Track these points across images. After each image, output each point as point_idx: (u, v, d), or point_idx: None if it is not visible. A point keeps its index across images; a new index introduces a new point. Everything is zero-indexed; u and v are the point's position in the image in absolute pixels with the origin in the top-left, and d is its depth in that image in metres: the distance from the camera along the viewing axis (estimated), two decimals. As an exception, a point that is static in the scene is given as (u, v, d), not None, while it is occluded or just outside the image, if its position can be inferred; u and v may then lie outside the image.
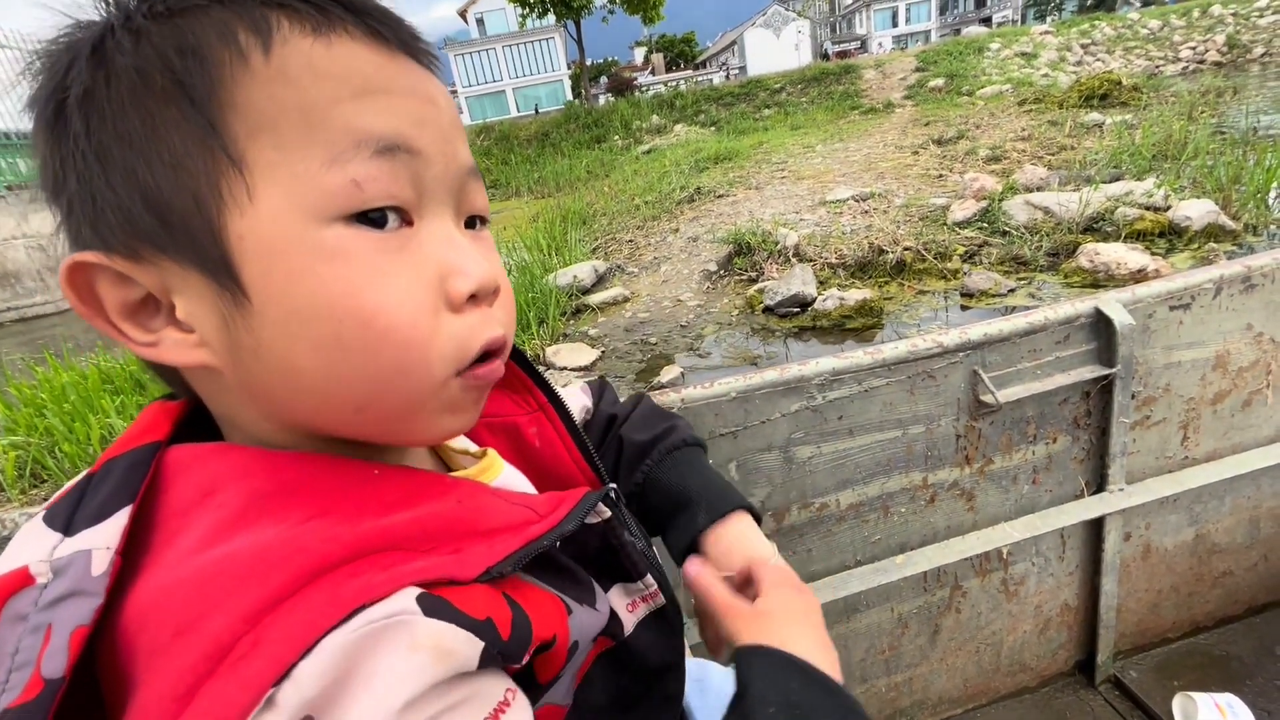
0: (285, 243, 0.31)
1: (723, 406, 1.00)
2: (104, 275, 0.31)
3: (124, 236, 0.31)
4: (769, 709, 0.38)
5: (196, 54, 0.30)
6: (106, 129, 0.30)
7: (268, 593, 0.28)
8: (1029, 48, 20.44)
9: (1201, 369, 1.22)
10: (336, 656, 0.26)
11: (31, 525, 0.32)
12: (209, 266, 0.31)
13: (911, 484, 1.14)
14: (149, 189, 0.30)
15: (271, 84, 0.30)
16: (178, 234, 0.30)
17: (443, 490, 0.36)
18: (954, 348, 1.08)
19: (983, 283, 3.92)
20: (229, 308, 0.31)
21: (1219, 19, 21.99)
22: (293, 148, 0.30)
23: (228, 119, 0.30)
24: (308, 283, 0.31)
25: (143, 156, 0.30)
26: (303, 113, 0.30)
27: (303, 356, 0.32)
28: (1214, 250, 3.91)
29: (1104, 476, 1.22)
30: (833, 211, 5.98)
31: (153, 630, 0.28)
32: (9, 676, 0.27)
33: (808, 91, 20.27)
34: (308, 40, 0.31)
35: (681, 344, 4.04)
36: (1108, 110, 9.81)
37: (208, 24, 0.30)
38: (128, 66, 0.29)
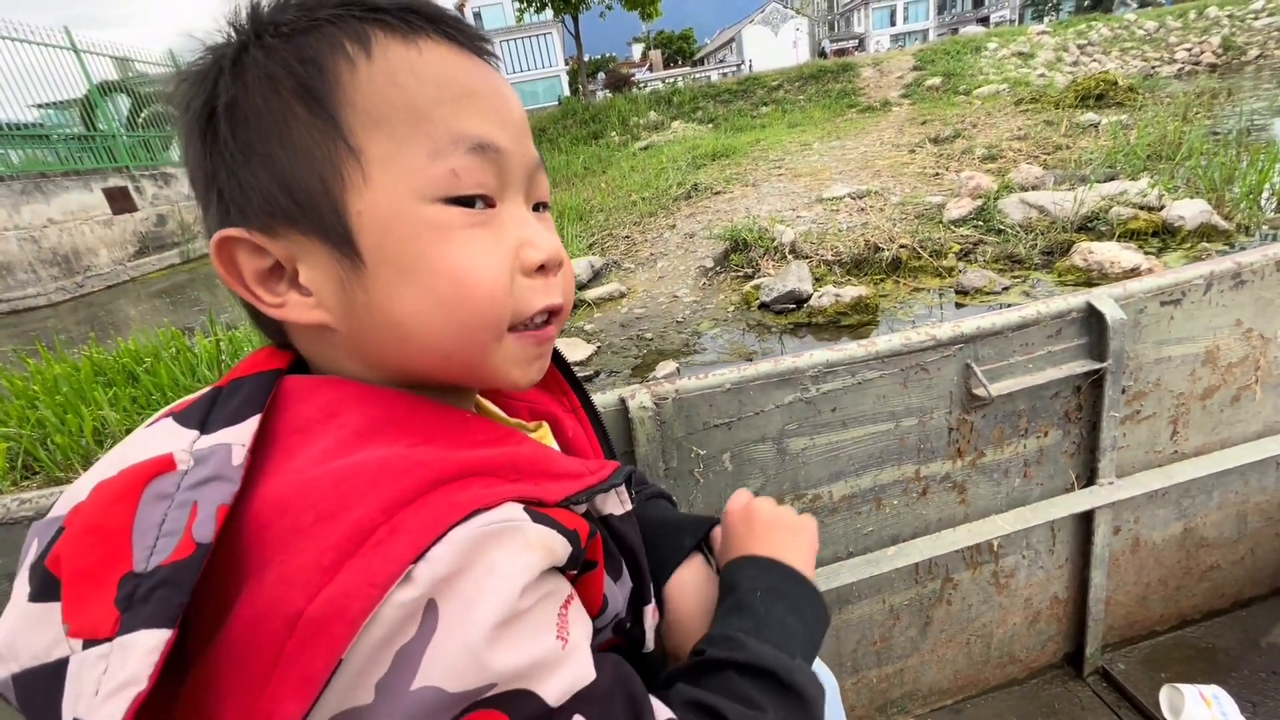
0: (395, 217, 0.37)
1: (717, 398, 1.01)
2: (243, 247, 0.38)
3: (263, 215, 0.37)
4: (756, 592, 0.51)
5: (315, 62, 0.36)
6: (249, 128, 0.37)
7: (398, 493, 0.33)
8: (1026, 48, 20.48)
9: (1191, 364, 1.23)
10: (464, 545, 0.32)
11: (159, 426, 0.37)
12: (332, 237, 0.37)
13: (904, 476, 1.15)
14: (284, 175, 0.37)
15: (380, 85, 0.37)
16: (307, 211, 0.37)
17: (519, 439, 0.43)
18: (947, 341, 1.09)
19: (978, 280, 3.93)
20: (346, 272, 0.38)
21: (1215, 21, 22.08)
22: (402, 141, 0.37)
23: (346, 115, 0.37)
24: (413, 249, 0.38)
25: (279, 149, 0.37)
26: (410, 111, 0.37)
27: (406, 310, 0.39)
28: (1206, 250, 3.94)
29: (1094, 470, 1.23)
30: (829, 209, 5.99)
31: (292, 517, 0.32)
32: (156, 541, 0.30)
33: (805, 89, 20.26)
34: (400, 46, 0.38)
35: (677, 340, 4.04)
36: (1103, 110, 9.85)
37: (320, 38, 0.37)
38: (262, 76, 0.36)
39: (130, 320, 7.47)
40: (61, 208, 10.04)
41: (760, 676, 0.44)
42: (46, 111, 11.42)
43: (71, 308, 9.25)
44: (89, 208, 10.60)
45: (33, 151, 10.51)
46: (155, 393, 3.42)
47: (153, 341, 4.13)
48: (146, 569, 0.29)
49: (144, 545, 0.30)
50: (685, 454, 1.01)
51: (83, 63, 12.07)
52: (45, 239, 9.62)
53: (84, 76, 12.06)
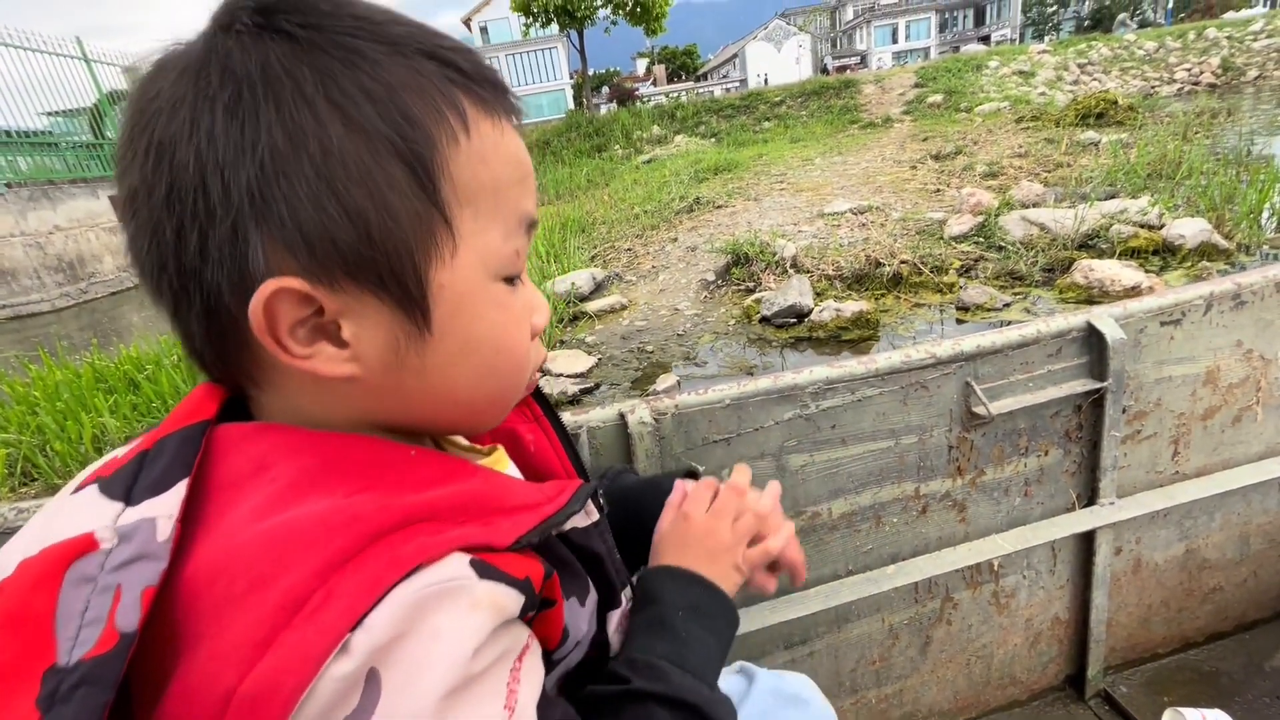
0: (470, 294, 0.39)
1: (716, 413, 1.00)
2: (289, 297, 0.34)
3: (327, 265, 0.34)
4: (678, 611, 0.51)
5: (420, 127, 0.35)
6: (336, 171, 0.33)
7: (334, 553, 0.31)
8: (1027, 66, 20.67)
9: (1192, 384, 1.23)
10: (405, 609, 0.30)
11: (84, 496, 0.34)
12: (405, 303, 0.37)
13: (904, 494, 1.14)
14: (371, 231, 0.34)
15: (473, 163, 0.37)
16: (384, 272, 0.35)
17: (469, 473, 0.41)
18: (947, 359, 1.09)
19: (978, 297, 3.94)
20: (407, 336, 0.38)
21: (1214, 42, 22.29)
22: (485, 220, 0.38)
23: (444, 187, 0.36)
24: (479, 325, 0.40)
25: (369, 203, 0.34)
26: (493, 192, 0.38)
27: (460, 379, 0.40)
28: (1207, 269, 3.95)
29: (1095, 490, 1.22)
30: (830, 224, 6.01)
31: (223, 587, 0.31)
32: (79, 632, 0.29)
33: (807, 105, 20.44)
34: (488, 124, 0.38)
35: (678, 353, 4.04)
36: (1103, 129, 9.92)
37: (420, 99, 0.35)
38: (355, 125, 0.34)
39: (133, 327, 7.50)
40: (68, 214, 10.12)
41: (683, 709, 0.45)
42: (56, 119, 11.55)
43: (75, 313, 9.28)
44: (95, 215, 10.68)
45: (41, 159, 10.61)
46: (156, 400, 3.42)
47: (154, 349, 4.14)
48: (69, 663, 0.28)
49: (67, 636, 0.29)
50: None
51: (93, 72, 12.26)
52: (51, 245, 9.69)
53: (94, 85, 12.23)
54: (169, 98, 0.34)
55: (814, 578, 1.14)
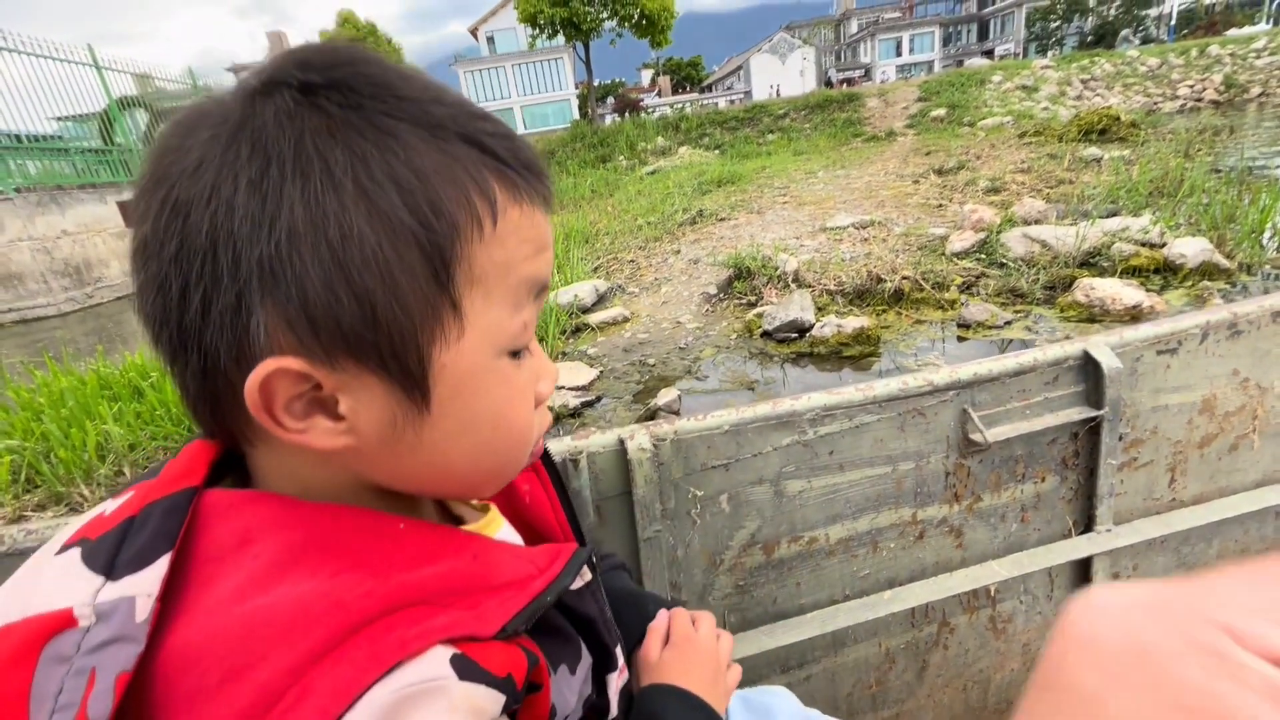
0: (473, 373, 0.38)
1: (715, 439, 1.02)
2: (286, 375, 0.34)
3: (329, 345, 0.34)
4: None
5: (445, 216, 0.35)
6: (352, 254, 0.33)
7: (311, 645, 0.30)
8: (1030, 81, 20.78)
9: (1188, 413, 1.24)
10: (380, 713, 0.29)
11: (66, 562, 0.34)
12: (405, 382, 0.36)
13: (900, 520, 1.15)
14: (378, 315, 0.34)
15: (492, 248, 0.37)
16: (386, 353, 0.35)
17: (459, 546, 0.40)
18: (944, 386, 1.10)
19: (980, 314, 3.95)
20: (404, 413, 0.37)
21: (1216, 59, 22.39)
22: (494, 298, 0.38)
23: (456, 273, 0.36)
24: (480, 402, 0.39)
25: (379, 286, 0.34)
26: (504, 269, 0.38)
27: (458, 455, 0.39)
28: (1208, 288, 3.95)
29: (1091, 517, 1.23)
30: (833, 238, 6.04)
31: (197, 676, 0.30)
32: (51, 716, 0.28)
33: (811, 118, 20.54)
34: (516, 210, 0.37)
35: (680, 366, 4.05)
36: (1106, 145, 9.95)
37: (452, 187, 0.35)
38: (376, 209, 0.33)
39: (137, 333, 7.50)
40: (75, 219, 10.20)
41: None
42: (65, 124, 11.68)
43: (80, 318, 9.33)
44: (102, 220, 10.76)
45: (50, 163, 10.71)
46: (160, 408, 3.44)
47: (159, 356, 4.15)
48: None
49: (39, 719, 0.28)
50: (683, 495, 1.02)
51: (103, 79, 12.42)
52: (58, 250, 9.75)
53: (104, 91, 12.39)
54: (196, 158, 0.33)
55: (810, 602, 1.15)
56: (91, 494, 2.88)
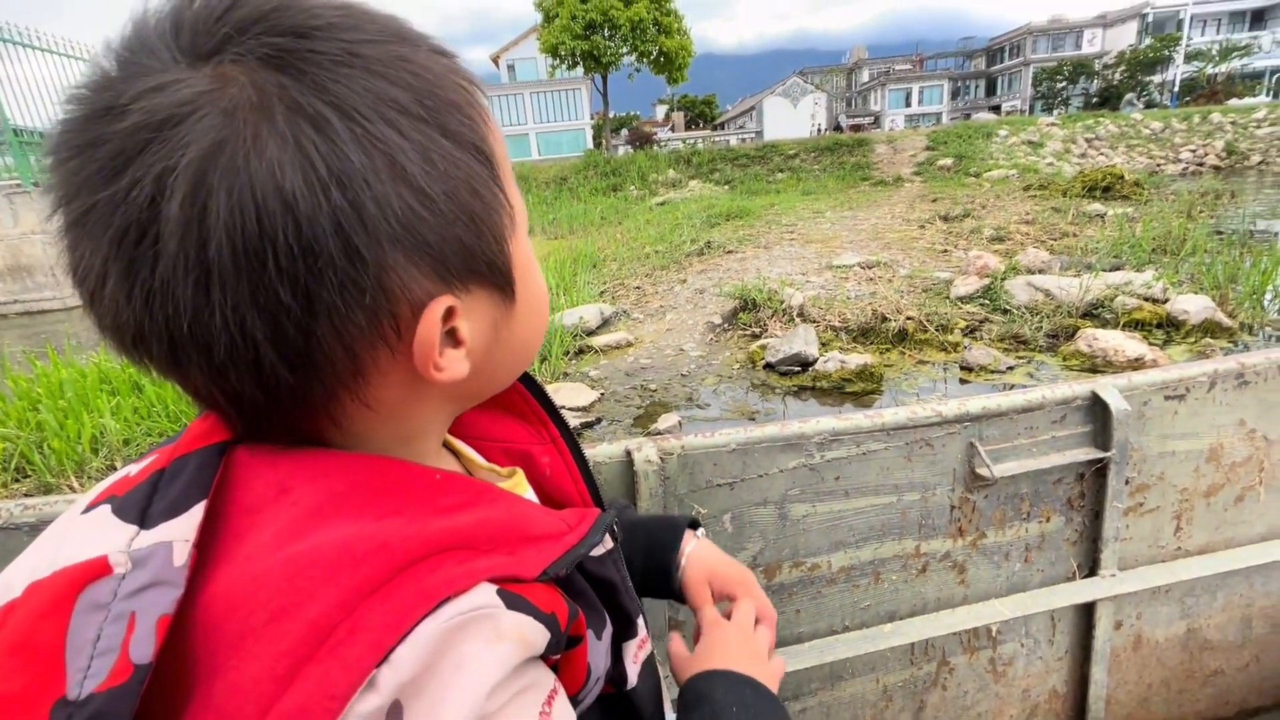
0: (525, 255, 0.41)
1: (722, 457, 1.01)
2: (439, 318, 0.35)
3: (459, 270, 0.36)
4: (732, 708, 0.51)
5: (471, 118, 0.36)
6: (450, 181, 0.34)
7: (360, 582, 0.30)
8: (1035, 137, 21.22)
9: (1195, 460, 1.23)
10: (431, 644, 0.29)
11: (96, 516, 0.33)
12: (500, 281, 0.39)
13: (904, 551, 1.14)
14: (479, 224, 0.36)
15: (496, 136, 0.38)
16: (489, 260, 0.37)
17: (494, 497, 0.40)
18: (952, 418, 1.10)
19: (982, 358, 3.96)
20: (501, 313, 0.40)
21: (1218, 126, 22.91)
22: (509, 182, 0.39)
23: (495, 165, 0.37)
24: (534, 279, 0.43)
25: (476, 202, 0.35)
26: (505, 159, 0.39)
27: (531, 331, 0.44)
28: (1210, 346, 3.97)
29: (1096, 560, 1.21)
30: (838, 276, 6.09)
31: (241, 618, 0.29)
32: (91, 663, 0.27)
33: (821, 160, 20.92)
34: (482, 99, 0.39)
35: (681, 393, 4.05)
36: (1109, 202, 10.12)
37: (456, 91, 0.35)
38: (450, 131, 0.34)
39: (141, 330, 7.53)
40: (90, 216, 10.31)
41: None
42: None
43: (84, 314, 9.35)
44: (116, 218, 10.87)
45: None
46: (158, 404, 3.42)
47: (162, 354, 4.15)
48: (80, 696, 0.27)
49: (78, 666, 0.27)
50: (686, 511, 1.01)
51: None
52: (69, 245, 9.84)
53: None
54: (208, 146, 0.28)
55: (809, 631, 1.13)
56: (81, 486, 2.85)
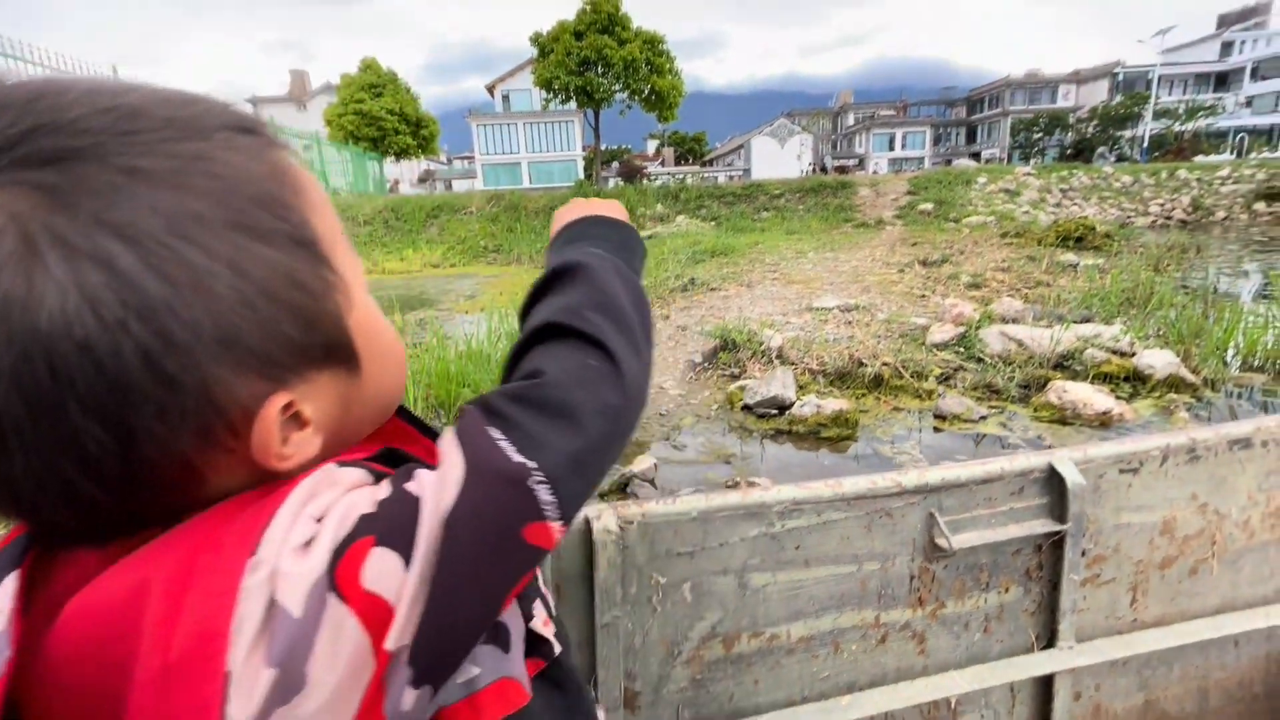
0: (367, 315, 0.42)
1: (683, 525, 1.01)
2: (274, 416, 0.35)
3: (295, 368, 0.36)
4: (577, 245, 0.59)
5: (282, 203, 0.36)
6: (268, 281, 0.33)
7: (208, 529, 0.32)
8: (1013, 185, 21.93)
9: (1150, 533, 1.26)
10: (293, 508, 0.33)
11: None
12: (342, 357, 0.39)
13: (864, 621, 1.14)
14: (308, 314, 0.36)
15: (315, 207, 0.38)
16: (325, 344, 0.38)
17: None
18: (912, 489, 1.11)
19: (956, 407, 4.02)
20: (347, 383, 0.40)
21: (1185, 182, 23.87)
22: (341, 253, 0.40)
23: (322, 246, 0.38)
24: (379, 336, 0.43)
25: (297, 291, 0.35)
26: (333, 230, 0.40)
27: (389, 384, 0.45)
28: (1174, 401, 4.07)
29: (1054, 632, 1.22)
30: (818, 318, 6.18)
31: (87, 646, 0.30)
32: None
33: (805, 200, 21.39)
34: (293, 165, 0.39)
35: (658, 432, 4.05)
36: (1082, 253, 10.45)
37: (268, 178, 0.35)
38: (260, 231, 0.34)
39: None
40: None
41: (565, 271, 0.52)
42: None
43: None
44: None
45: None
46: None
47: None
48: None
49: None
50: (645, 581, 1.00)
51: None
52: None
53: None
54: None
55: (767, 702, 1.11)
56: None
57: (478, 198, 20.84)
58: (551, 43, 25.87)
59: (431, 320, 7.68)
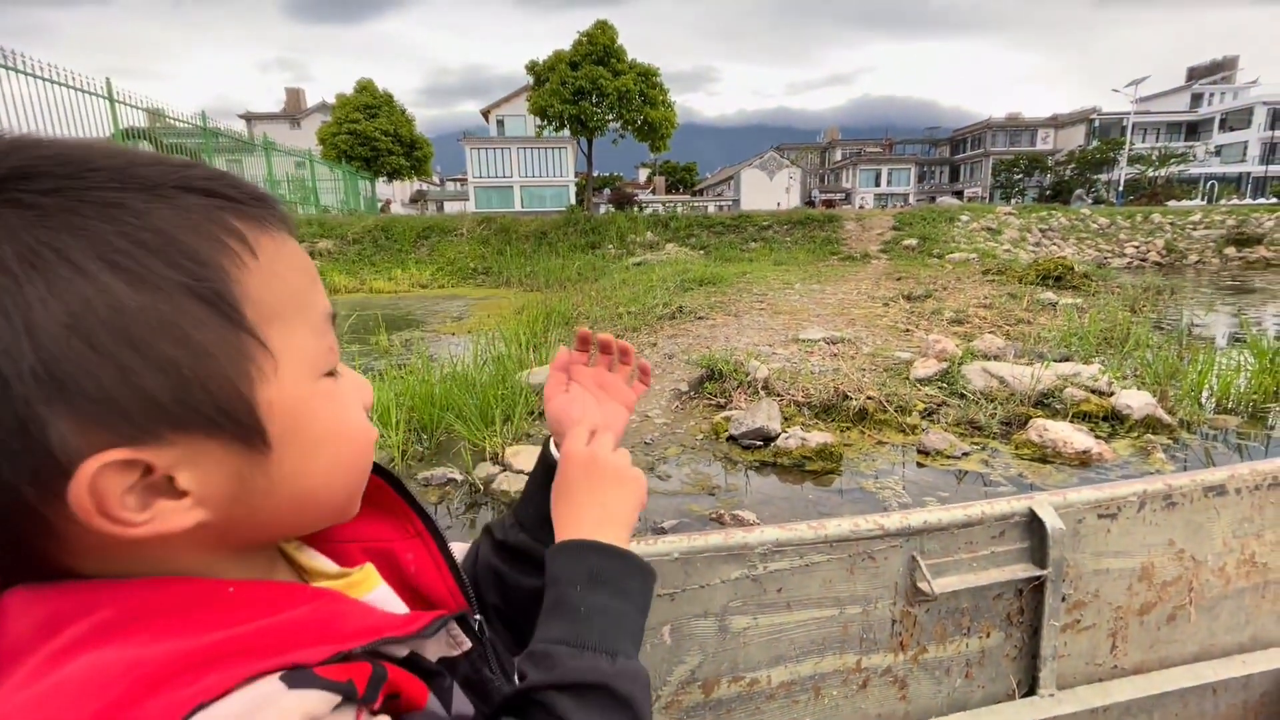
0: (301, 399, 0.39)
1: (664, 567, 1.00)
2: (111, 472, 0.32)
3: (146, 424, 0.33)
4: (575, 586, 0.51)
5: (205, 261, 0.34)
6: (142, 334, 0.32)
7: (107, 705, 0.28)
8: (994, 224, 22.47)
9: (1128, 578, 1.26)
10: None
11: None
12: (240, 432, 0.36)
13: (845, 666, 1.12)
14: (188, 377, 0.33)
15: (268, 279, 0.37)
16: (209, 412, 0.34)
17: (300, 599, 0.38)
18: (894, 532, 1.11)
19: (939, 443, 4.04)
20: (248, 463, 0.37)
21: (1159, 225, 24.62)
22: (294, 328, 0.39)
23: (248, 310, 0.36)
24: (317, 423, 0.40)
25: (177, 350, 0.33)
26: (293, 299, 0.39)
27: (314, 480, 0.40)
28: (1152, 442, 4.13)
29: (1035, 679, 1.22)
30: (804, 350, 6.23)
31: None
32: None
33: (793, 232, 21.74)
34: (268, 240, 0.38)
35: (643, 462, 4.02)
36: (1061, 292, 10.68)
37: (196, 235, 0.34)
38: (151, 280, 0.33)
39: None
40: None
41: (586, 692, 0.46)
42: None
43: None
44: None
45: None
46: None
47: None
48: None
49: None
50: None
51: (114, 109, 12.96)
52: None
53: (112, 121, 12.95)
54: None
55: (747, 751, 1.09)
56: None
57: (469, 220, 20.93)
58: (547, 71, 26.33)
59: (417, 341, 7.64)
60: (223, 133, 19.21)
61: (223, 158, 19.67)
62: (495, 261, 17.67)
